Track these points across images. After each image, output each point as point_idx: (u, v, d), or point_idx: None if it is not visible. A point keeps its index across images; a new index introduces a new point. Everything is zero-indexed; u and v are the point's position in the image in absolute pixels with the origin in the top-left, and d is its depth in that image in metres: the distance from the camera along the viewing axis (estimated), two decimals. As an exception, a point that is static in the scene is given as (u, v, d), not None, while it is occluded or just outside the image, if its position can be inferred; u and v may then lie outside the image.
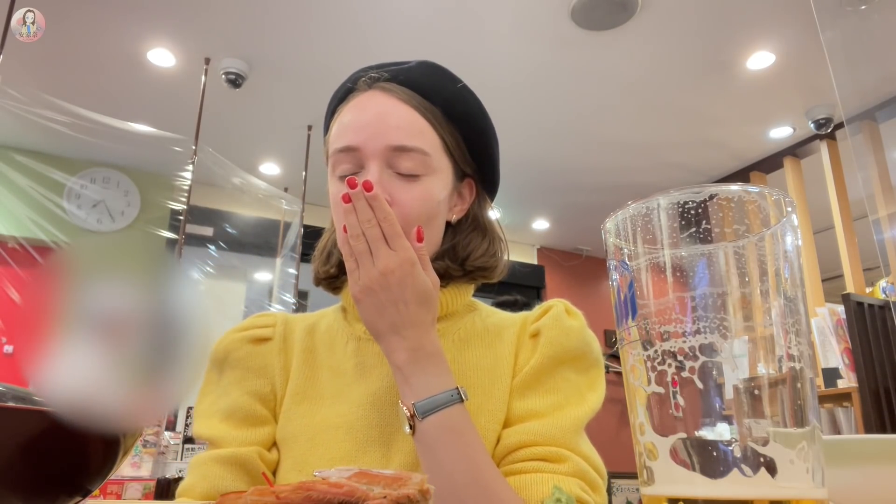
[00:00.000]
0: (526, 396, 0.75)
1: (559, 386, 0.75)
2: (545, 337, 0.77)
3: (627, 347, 0.38)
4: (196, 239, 4.22)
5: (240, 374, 0.81)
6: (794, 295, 0.36)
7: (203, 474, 0.75)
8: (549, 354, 0.76)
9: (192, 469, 0.77)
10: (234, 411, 0.78)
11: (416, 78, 0.79)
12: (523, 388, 0.76)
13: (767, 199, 0.37)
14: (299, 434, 0.76)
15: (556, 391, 0.75)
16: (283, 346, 0.83)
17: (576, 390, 0.76)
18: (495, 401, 0.75)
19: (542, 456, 0.70)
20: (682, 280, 0.36)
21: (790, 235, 0.37)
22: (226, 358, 0.81)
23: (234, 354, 0.81)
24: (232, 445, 0.76)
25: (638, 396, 0.37)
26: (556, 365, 0.76)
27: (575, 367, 0.77)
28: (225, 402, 0.79)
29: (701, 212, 0.36)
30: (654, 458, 0.35)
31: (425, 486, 0.36)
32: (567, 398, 0.75)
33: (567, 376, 0.76)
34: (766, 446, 0.33)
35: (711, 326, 0.35)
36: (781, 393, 0.34)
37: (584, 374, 0.77)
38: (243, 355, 0.81)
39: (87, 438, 0.39)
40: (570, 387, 0.76)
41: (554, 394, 0.75)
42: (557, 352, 0.76)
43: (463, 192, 0.84)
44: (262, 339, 0.83)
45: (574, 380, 0.76)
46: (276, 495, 0.33)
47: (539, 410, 0.74)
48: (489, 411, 0.75)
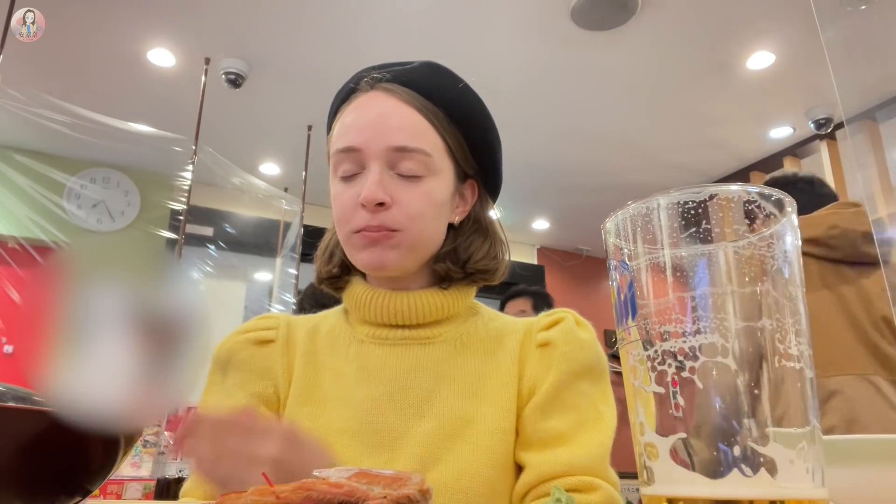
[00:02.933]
0: (548, 416, 0.74)
1: (577, 402, 0.75)
2: (560, 351, 0.76)
3: (627, 347, 0.38)
4: (196, 239, 4.22)
5: (243, 377, 0.80)
6: (794, 295, 0.36)
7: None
8: (567, 370, 0.76)
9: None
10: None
11: (418, 78, 0.79)
12: (545, 406, 0.75)
13: (767, 199, 0.37)
14: None
15: (574, 408, 0.75)
16: (286, 348, 0.82)
17: (592, 405, 0.76)
18: (496, 408, 0.75)
19: (574, 486, 0.70)
20: (682, 280, 0.36)
21: (790, 235, 0.37)
22: (229, 360, 0.81)
23: (237, 356, 0.81)
24: None
25: (638, 396, 0.37)
26: (573, 380, 0.76)
27: (589, 379, 0.77)
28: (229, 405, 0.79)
29: (701, 212, 0.36)
30: (654, 458, 0.35)
31: (425, 486, 0.36)
32: (586, 415, 0.75)
33: (582, 389, 0.76)
34: (766, 446, 0.33)
35: (711, 326, 0.35)
36: (781, 393, 0.34)
37: (596, 384, 0.78)
38: (246, 357, 0.81)
39: (87, 438, 0.39)
40: (586, 401, 0.76)
41: (574, 411, 0.75)
42: (574, 367, 0.76)
43: (465, 194, 0.84)
44: (264, 342, 0.82)
45: (588, 392, 0.76)
46: (276, 495, 0.33)
47: (563, 432, 0.73)
48: (489, 418, 0.74)
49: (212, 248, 4.28)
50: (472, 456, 0.71)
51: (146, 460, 2.61)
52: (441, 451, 0.72)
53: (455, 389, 0.76)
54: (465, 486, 0.70)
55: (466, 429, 0.73)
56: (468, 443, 0.72)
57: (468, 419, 0.74)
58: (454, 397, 0.75)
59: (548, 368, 0.76)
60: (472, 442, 0.72)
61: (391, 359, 0.78)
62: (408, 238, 0.75)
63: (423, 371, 0.77)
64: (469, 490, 0.70)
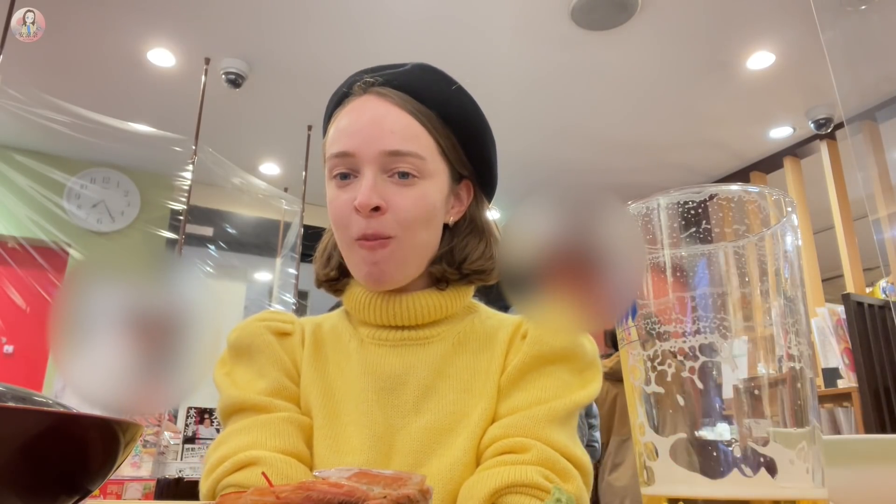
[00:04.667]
0: (510, 396, 0.75)
1: (545, 383, 0.74)
2: (530, 336, 0.77)
3: (627, 347, 0.38)
4: (196, 239, 4.22)
5: (273, 357, 0.79)
6: (794, 295, 0.36)
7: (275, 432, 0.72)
8: (533, 353, 0.75)
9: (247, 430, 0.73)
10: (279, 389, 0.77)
11: (410, 81, 0.79)
12: (508, 387, 0.76)
13: (767, 199, 0.37)
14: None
15: (541, 388, 0.74)
16: (300, 343, 0.83)
17: (565, 387, 0.75)
18: (486, 400, 0.76)
19: (506, 448, 0.69)
20: (682, 280, 0.36)
21: (790, 235, 0.37)
22: (251, 343, 0.80)
23: (260, 338, 0.80)
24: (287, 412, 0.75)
25: (638, 396, 0.37)
26: (542, 364, 0.75)
27: (567, 367, 0.76)
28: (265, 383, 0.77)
29: (701, 212, 0.36)
30: (654, 458, 0.35)
31: (425, 486, 0.36)
32: (555, 394, 0.74)
33: (557, 374, 0.75)
34: (766, 446, 0.33)
35: (711, 326, 0.35)
36: (781, 393, 0.34)
37: (578, 374, 0.76)
38: (270, 341, 0.80)
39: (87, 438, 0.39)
40: (559, 384, 0.75)
41: (539, 390, 0.74)
42: (543, 350, 0.75)
43: (460, 194, 0.84)
44: (283, 333, 0.83)
45: (566, 379, 0.75)
46: (276, 495, 0.33)
47: (518, 406, 0.73)
48: (480, 409, 0.75)
49: (212, 248, 4.29)
50: (462, 446, 0.72)
51: (146, 460, 2.61)
52: (435, 445, 0.74)
53: (450, 385, 0.77)
54: (458, 476, 0.71)
55: (460, 422, 0.75)
56: (461, 435, 0.74)
57: (461, 413, 0.75)
58: (449, 393, 0.77)
59: (518, 352, 0.77)
60: (465, 434, 0.74)
61: (390, 358, 0.79)
62: (402, 245, 0.76)
63: (421, 370, 0.78)
64: (462, 479, 0.71)
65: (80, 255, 3.94)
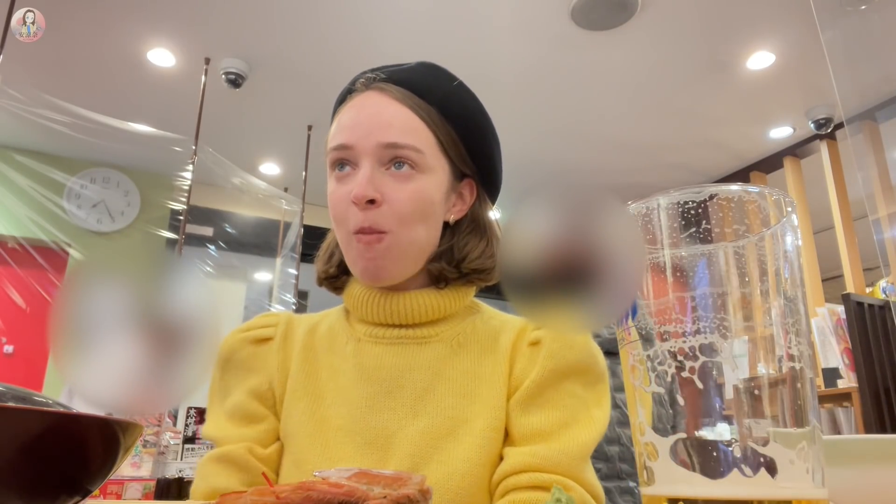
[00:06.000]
0: (530, 412, 0.73)
1: (565, 402, 0.74)
2: (547, 349, 0.75)
3: (627, 347, 0.38)
4: (196, 239, 4.22)
5: (241, 374, 0.81)
6: (794, 295, 0.36)
7: (203, 475, 0.76)
8: (551, 368, 0.74)
9: (197, 470, 0.78)
10: (234, 411, 0.79)
11: (412, 77, 0.80)
12: (526, 402, 0.74)
13: (767, 199, 0.37)
14: (298, 431, 0.77)
15: (562, 407, 0.73)
16: (283, 344, 0.83)
17: (583, 406, 0.74)
18: (487, 407, 0.75)
19: (544, 484, 0.68)
20: (682, 280, 0.36)
21: (790, 235, 0.37)
22: (229, 358, 0.82)
23: (236, 355, 0.82)
24: (229, 444, 0.76)
25: (638, 396, 0.37)
26: (559, 379, 0.74)
27: (581, 381, 0.75)
28: (229, 402, 0.80)
29: (701, 212, 0.36)
30: (654, 458, 0.35)
31: (425, 486, 0.36)
32: (574, 415, 0.73)
33: (573, 391, 0.74)
34: (766, 446, 0.33)
35: (711, 326, 0.35)
36: (781, 393, 0.34)
37: (591, 388, 0.76)
38: (245, 356, 0.82)
39: (87, 438, 0.39)
40: (576, 403, 0.74)
41: (560, 410, 0.73)
42: (560, 365, 0.74)
43: (463, 193, 0.84)
44: (263, 339, 0.83)
45: (581, 395, 0.75)
46: (276, 495, 0.33)
47: (545, 429, 0.72)
48: (481, 417, 0.74)
49: (212, 248, 4.29)
50: (463, 455, 0.71)
51: (146, 460, 2.61)
52: (433, 450, 0.72)
53: (449, 388, 0.76)
54: (455, 486, 0.70)
55: (459, 428, 0.74)
56: (460, 442, 0.73)
57: (461, 418, 0.74)
58: (448, 396, 0.76)
59: (533, 365, 0.75)
60: (464, 441, 0.73)
61: (387, 357, 0.78)
62: (398, 240, 0.75)
63: (419, 370, 0.77)
64: (459, 489, 0.70)
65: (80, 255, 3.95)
